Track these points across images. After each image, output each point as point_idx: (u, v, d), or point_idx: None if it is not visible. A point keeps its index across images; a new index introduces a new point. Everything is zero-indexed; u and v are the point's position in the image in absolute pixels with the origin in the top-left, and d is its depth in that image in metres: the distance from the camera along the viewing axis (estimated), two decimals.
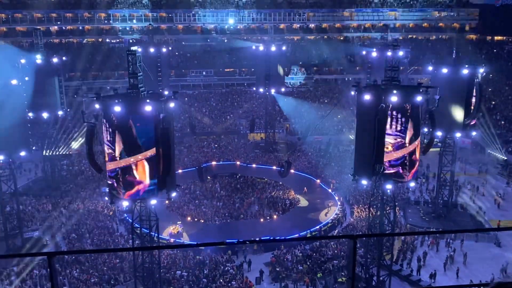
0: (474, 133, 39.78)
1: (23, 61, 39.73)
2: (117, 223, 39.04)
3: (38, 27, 70.86)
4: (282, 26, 79.35)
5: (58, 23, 74.51)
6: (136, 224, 26.75)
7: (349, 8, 79.34)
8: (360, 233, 36.04)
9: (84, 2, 74.33)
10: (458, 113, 37.03)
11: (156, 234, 26.83)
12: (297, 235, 36.03)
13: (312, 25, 79.78)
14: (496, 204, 42.64)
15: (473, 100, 37.39)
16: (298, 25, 79.57)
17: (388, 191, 28.60)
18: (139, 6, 76.76)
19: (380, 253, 29.67)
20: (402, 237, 35.98)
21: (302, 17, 79.41)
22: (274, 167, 49.69)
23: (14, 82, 32.07)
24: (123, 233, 37.00)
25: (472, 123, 38.46)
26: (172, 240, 35.21)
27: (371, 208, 29.98)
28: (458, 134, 38.01)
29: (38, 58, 41.60)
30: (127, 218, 36.67)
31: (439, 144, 39.83)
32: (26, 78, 37.82)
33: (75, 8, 74.03)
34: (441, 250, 35.16)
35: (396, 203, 32.05)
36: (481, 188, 45.51)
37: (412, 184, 29.68)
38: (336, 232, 38.30)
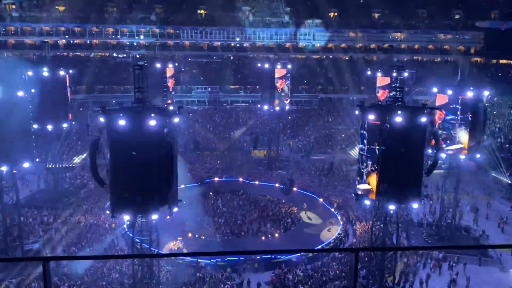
0: (478, 156, 39.61)
1: (30, 73, 40.05)
2: (117, 237, 38.84)
3: (46, 40, 72.04)
4: (287, 45, 79.91)
5: (66, 36, 75.33)
6: (136, 239, 26.60)
7: (354, 29, 79.90)
8: (362, 254, 35.68)
9: (93, 16, 75.34)
10: (462, 135, 36.97)
11: (156, 250, 26.66)
12: (298, 254, 35.69)
13: (317, 45, 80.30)
14: (500, 228, 42.27)
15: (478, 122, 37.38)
16: (304, 45, 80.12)
17: (391, 211, 28.40)
18: (147, 22, 77.57)
19: (382, 275, 29.32)
20: (405, 259, 35.63)
21: (308, 36, 79.98)
22: (277, 185, 49.57)
23: (20, 93, 32.23)
24: (123, 247, 36.79)
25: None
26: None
27: (373, 229, 29.75)
28: (462, 156, 37.87)
29: (45, 71, 41.97)
30: (128, 232, 36.50)
31: (442, 166, 39.68)
32: (33, 90, 38.07)
33: (83, 22, 74.91)
34: (443, 273, 34.75)
35: (399, 224, 31.78)
36: (485, 210, 45.22)
37: (415, 205, 29.47)
38: (337, 252, 37.95)
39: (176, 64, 60.56)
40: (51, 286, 3.57)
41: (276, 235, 40.06)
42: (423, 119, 26.22)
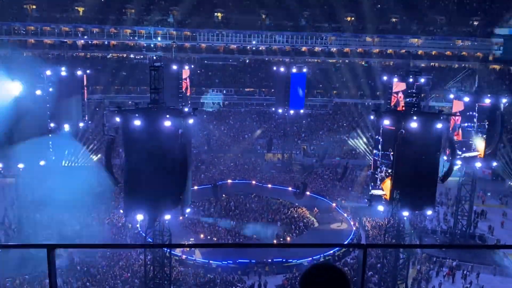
0: (494, 164, 39.11)
1: (48, 72, 40.57)
2: (130, 237, 39.08)
3: (65, 40, 73.08)
4: (304, 48, 79.86)
5: (85, 37, 76.28)
6: (149, 239, 26.76)
7: (371, 33, 79.48)
8: (374, 261, 35.44)
9: (112, 18, 76.12)
10: (479, 143, 36.55)
11: (168, 250, 26.79)
12: (310, 258, 35.53)
13: (333, 49, 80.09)
14: None
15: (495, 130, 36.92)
16: (320, 49, 79.97)
17: (405, 218, 28.17)
18: (164, 24, 78.20)
19: (394, 282, 29.09)
20: (418, 266, 35.29)
21: (324, 40, 79.83)
22: (290, 188, 49.46)
23: (38, 92, 32.72)
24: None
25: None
26: (184, 256, 35.10)
27: (386, 235, 29.53)
28: (478, 164, 37.41)
29: (63, 70, 42.53)
30: (141, 232, 36.73)
31: (458, 173, 39.29)
32: (50, 89, 38.58)
33: (102, 24, 75.77)
34: (457, 281, 34.30)
35: (413, 231, 31.53)
36: (501, 219, 44.66)
37: (429, 212, 29.20)
38: (350, 257, 37.68)
39: (192, 66, 60.83)
40: (56, 274, 3.65)
41: (288, 238, 39.96)
42: (439, 126, 26.00)
